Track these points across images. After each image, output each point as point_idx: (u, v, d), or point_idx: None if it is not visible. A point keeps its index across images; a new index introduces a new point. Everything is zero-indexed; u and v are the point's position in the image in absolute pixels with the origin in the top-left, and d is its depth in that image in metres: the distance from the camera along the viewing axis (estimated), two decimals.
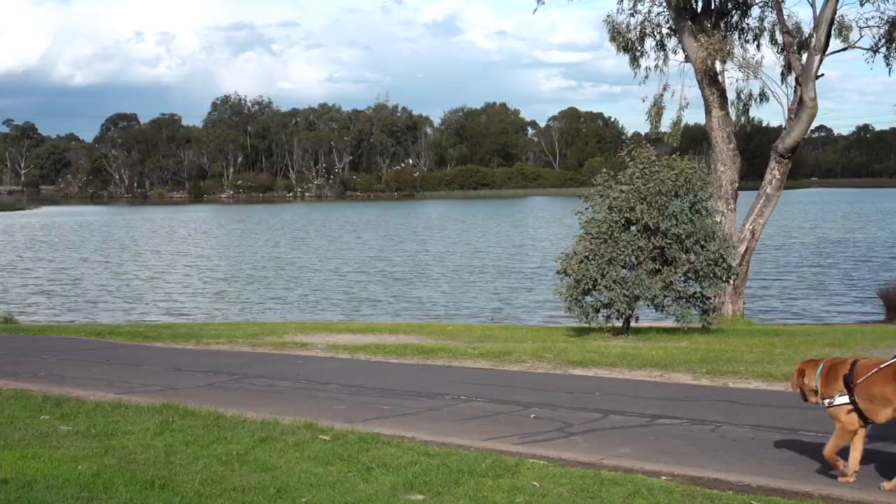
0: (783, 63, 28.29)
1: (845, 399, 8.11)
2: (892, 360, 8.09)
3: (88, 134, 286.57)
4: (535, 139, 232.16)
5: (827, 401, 8.25)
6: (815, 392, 8.39)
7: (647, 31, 29.88)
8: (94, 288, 48.49)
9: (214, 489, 7.79)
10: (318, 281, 49.79)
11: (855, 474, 8.19)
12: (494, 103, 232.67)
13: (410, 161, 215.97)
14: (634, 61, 30.03)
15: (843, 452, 8.21)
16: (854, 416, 8.11)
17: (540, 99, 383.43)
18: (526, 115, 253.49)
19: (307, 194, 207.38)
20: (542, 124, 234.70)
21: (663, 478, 8.24)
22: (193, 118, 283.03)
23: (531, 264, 54.98)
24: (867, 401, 8.05)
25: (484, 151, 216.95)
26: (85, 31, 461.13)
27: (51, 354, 17.61)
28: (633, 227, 20.74)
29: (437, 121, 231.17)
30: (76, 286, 49.27)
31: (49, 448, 9.31)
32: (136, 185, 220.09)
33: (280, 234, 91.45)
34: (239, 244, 78.68)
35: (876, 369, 8.06)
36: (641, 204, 20.41)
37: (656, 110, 29.79)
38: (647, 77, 30.16)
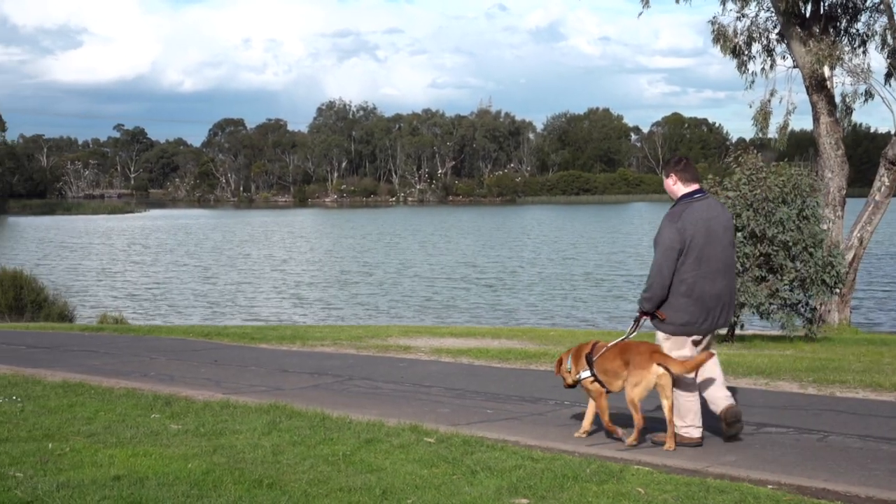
0: (894, 68, 27.84)
1: (587, 373, 10.07)
2: (618, 341, 10.10)
3: (196, 139, 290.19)
4: (638, 145, 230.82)
5: (577, 376, 10.18)
6: (570, 372, 10.31)
7: (755, 35, 29.60)
8: (182, 291, 49.41)
9: (321, 489, 7.88)
10: (408, 286, 50.11)
11: (586, 433, 10.29)
12: (597, 109, 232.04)
13: (512, 166, 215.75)
14: (741, 65, 29.77)
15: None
16: (597, 385, 10.05)
17: (643, 104, 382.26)
18: (629, 120, 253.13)
19: (410, 199, 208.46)
20: (646, 130, 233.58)
21: (770, 486, 8.15)
22: (299, 123, 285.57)
23: (630, 271, 54.71)
24: (603, 374, 9.97)
25: (586, 157, 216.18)
26: (195, 39, 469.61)
27: (160, 354, 17.92)
28: (739, 234, 20.54)
29: (539, 126, 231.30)
30: (163, 289, 50.24)
31: (160, 446, 9.48)
32: (241, 189, 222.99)
33: (376, 238, 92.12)
34: (333, 249, 79.47)
35: (605, 348, 10.03)
36: (748, 210, 20.19)
37: (763, 115, 29.48)
38: (753, 82, 29.90)
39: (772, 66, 29.87)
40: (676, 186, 10.16)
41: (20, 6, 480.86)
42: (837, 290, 21.78)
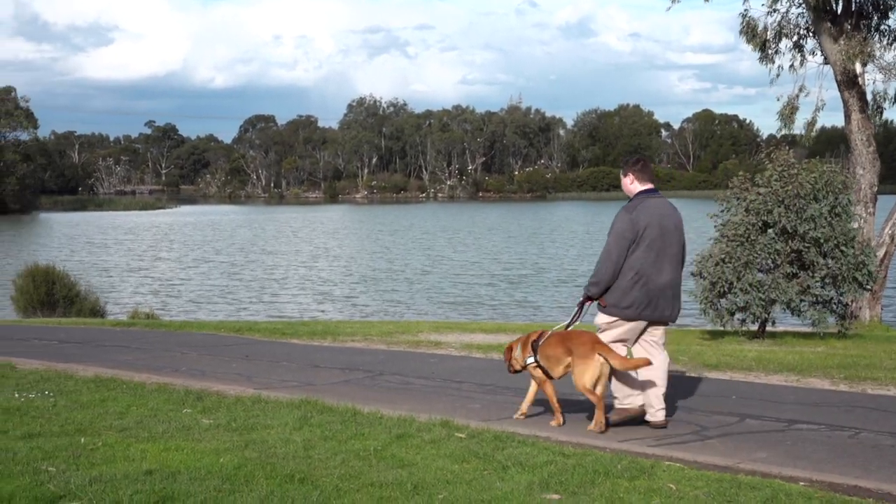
0: None
1: (532, 359, 10.67)
2: (560, 327, 10.93)
3: (227, 135, 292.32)
4: (669, 141, 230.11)
5: (524, 361, 10.80)
6: (518, 359, 10.92)
7: (785, 31, 29.41)
8: (208, 288, 49.60)
9: (353, 484, 7.90)
10: (435, 282, 50.12)
11: (523, 415, 11.05)
12: (628, 105, 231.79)
13: (543, 162, 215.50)
14: (769, 60, 29.56)
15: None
16: (540, 371, 10.65)
17: (673, 101, 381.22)
18: (659, 116, 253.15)
19: (440, 195, 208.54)
20: (676, 126, 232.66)
21: (801, 483, 8.14)
22: (329, 120, 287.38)
23: None
24: (545, 359, 10.57)
25: (617, 153, 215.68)
26: (225, 35, 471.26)
27: (191, 349, 17.99)
28: (770, 231, 20.45)
29: (570, 122, 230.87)
30: (188, 286, 50.47)
31: (192, 440, 9.53)
32: (272, 185, 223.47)
33: (404, 234, 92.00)
34: (361, 245, 79.57)
35: (549, 334, 10.73)
36: (779, 207, 20.11)
37: (789, 110, 29.27)
38: (778, 76, 29.68)
39: (802, 63, 29.66)
40: (633, 185, 10.83)
41: (51, 4, 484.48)
42: (869, 288, 21.65)
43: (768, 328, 21.31)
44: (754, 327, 21.14)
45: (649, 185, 10.78)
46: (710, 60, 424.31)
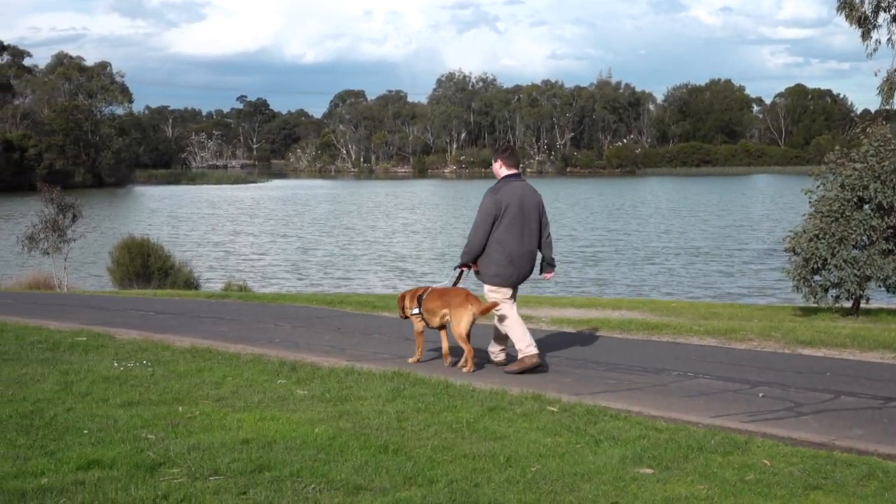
0: None
1: (416, 310, 12.73)
2: (439, 285, 13.11)
3: (317, 110, 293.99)
4: (760, 116, 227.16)
5: (410, 311, 12.84)
6: (407, 308, 12.90)
7: (883, 4, 28.96)
8: (275, 263, 49.93)
9: (446, 455, 7.96)
10: None
11: (449, 357, 12.88)
12: (719, 80, 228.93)
13: (632, 137, 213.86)
14: (866, 34, 29.15)
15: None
16: (422, 322, 12.75)
17: (765, 75, 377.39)
18: (751, 91, 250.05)
19: (528, 170, 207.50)
20: (768, 101, 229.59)
21: None
22: (418, 95, 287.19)
23: (742, 244, 53.86)
24: (426, 311, 12.64)
25: (707, 128, 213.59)
26: (316, 11, 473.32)
27: (284, 322, 18.16)
28: (865, 206, 20.18)
29: (659, 97, 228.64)
30: (267, 261, 50.84)
31: (286, 411, 9.65)
32: (362, 159, 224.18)
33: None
34: (440, 220, 79.36)
35: (430, 290, 12.81)
36: (875, 182, 19.82)
37: (889, 85, 28.91)
38: (876, 50, 29.28)
39: None
40: (501, 170, 12.88)
41: None
42: None
43: (863, 305, 21.04)
44: (848, 304, 20.88)
45: (514, 171, 12.86)
46: (803, 34, 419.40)
